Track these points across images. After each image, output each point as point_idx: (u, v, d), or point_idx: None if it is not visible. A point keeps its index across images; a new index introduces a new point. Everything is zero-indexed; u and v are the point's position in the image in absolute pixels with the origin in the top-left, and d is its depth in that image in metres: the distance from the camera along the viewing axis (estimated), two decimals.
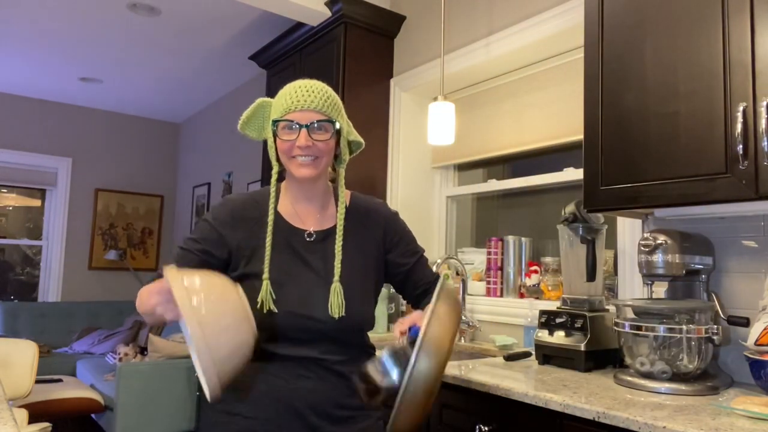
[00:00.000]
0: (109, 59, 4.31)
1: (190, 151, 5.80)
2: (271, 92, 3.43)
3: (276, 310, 1.18)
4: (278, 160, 1.25)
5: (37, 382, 3.77)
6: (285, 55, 3.28)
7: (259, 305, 1.17)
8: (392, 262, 1.34)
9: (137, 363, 3.62)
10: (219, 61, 4.30)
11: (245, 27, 3.69)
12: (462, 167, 2.96)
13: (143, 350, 4.24)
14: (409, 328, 1.10)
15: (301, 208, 1.29)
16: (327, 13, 2.86)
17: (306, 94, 1.19)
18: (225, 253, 1.25)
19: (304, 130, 1.18)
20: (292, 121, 1.19)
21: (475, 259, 2.66)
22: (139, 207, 5.86)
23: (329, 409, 1.20)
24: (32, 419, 3.22)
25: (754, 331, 1.38)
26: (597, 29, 1.62)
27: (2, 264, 5.35)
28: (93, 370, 4.13)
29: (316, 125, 1.19)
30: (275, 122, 1.21)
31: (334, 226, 1.28)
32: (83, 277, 5.50)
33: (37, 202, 5.52)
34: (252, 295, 1.17)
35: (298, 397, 1.18)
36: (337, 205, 1.31)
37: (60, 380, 3.88)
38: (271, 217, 1.23)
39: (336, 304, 1.20)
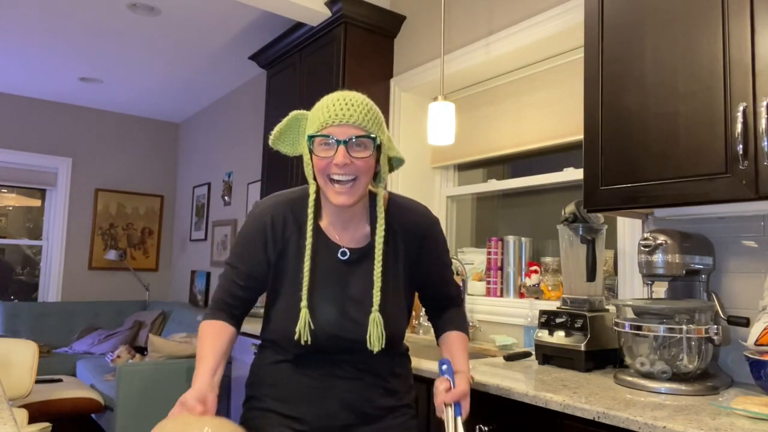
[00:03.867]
0: (109, 59, 4.31)
1: (190, 151, 5.80)
2: (271, 92, 3.43)
3: (310, 341, 1.15)
4: (314, 178, 1.19)
5: (37, 382, 3.78)
6: (285, 55, 3.28)
7: (296, 336, 1.15)
8: (422, 272, 1.31)
9: (137, 363, 3.62)
10: (219, 61, 4.30)
11: (245, 27, 3.69)
12: (462, 167, 2.96)
13: (143, 350, 4.24)
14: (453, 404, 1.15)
15: (337, 224, 1.25)
16: (327, 13, 2.86)
17: (345, 108, 1.11)
18: (266, 264, 1.24)
19: (342, 146, 1.10)
20: (329, 136, 1.11)
21: (475, 259, 2.66)
22: (139, 207, 5.86)
23: (364, 408, 1.20)
24: (32, 419, 3.22)
25: (754, 331, 1.38)
26: (597, 29, 1.62)
27: (2, 264, 5.35)
28: (93, 370, 4.13)
29: (354, 141, 1.11)
30: (311, 138, 1.13)
31: (370, 245, 1.23)
32: (83, 277, 5.49)
33: (37, 202, 5.52)
34: (292, 313, 1.18)
35: (332, 396, 1.18)
36: (373, 223, 1.24)
37: (60, 380, 3.88)
38: (309, 241, 1.18)
39: (376, 336, 1.16)
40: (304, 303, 1.15)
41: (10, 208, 5.42)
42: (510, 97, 2.55)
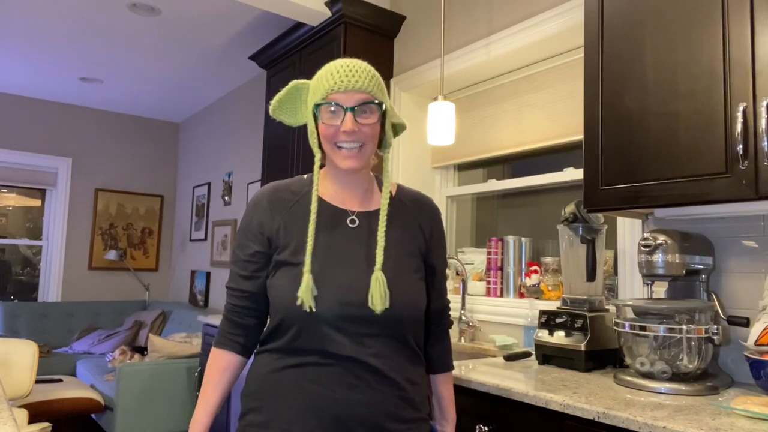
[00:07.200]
0: (109, 59, 4.31)
1: (190, 151, 5.80)
2: (271, 92, 3.43)
3: (315, 309, 1.06)
4: (320, 146, 1.15)
5: (37, 382, 3.78)
6: (285, 55, 3.28)
7: (299, 302, 1.07)
8: (426, 263, 1.24)
9: (137, 363, 3.62)
10: (219, 61, 4.30)
11: (245, 27, 3.69)
12: (462, 167, 2.96)
13: (143, 350, 4.24)
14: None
15: (343, 193, 1.20)
16: (327, 13, 2.86)
17: (350, 74, 1.09)
18: (267, 244, 1.16)
19: (349, 113, 1.08)
20: (335, 103, 1.08)
21: (475, 259, 2.66)
22: (139, 207, 5.86)
23: (382, 422, 1.08)
24: (32, 419, 3.22)
25: (754, 331, 1.38)
26: (597, 29, 1.62)
27: (2, 264, 5.35)
28: (93, 370, 4.13)
29: (362, 107, 1.09)
30: (317, 106, 1.10)
31: (378, 209, 1.18)
32: (83, 277, 5.49)
33: (37, 202, 5.52)
34: (294, 284, 1.09)
35: (345, 409, 1.06)
36: (381, 190, 1.21)
37: (60, 380, 3.88)
38: (314, 206, 1.12)
39: (378, 294, 1.07)
40: (307, 268, 1.07)
41: (10, 208, 5.42)
42: (510, 97, 2.55)
